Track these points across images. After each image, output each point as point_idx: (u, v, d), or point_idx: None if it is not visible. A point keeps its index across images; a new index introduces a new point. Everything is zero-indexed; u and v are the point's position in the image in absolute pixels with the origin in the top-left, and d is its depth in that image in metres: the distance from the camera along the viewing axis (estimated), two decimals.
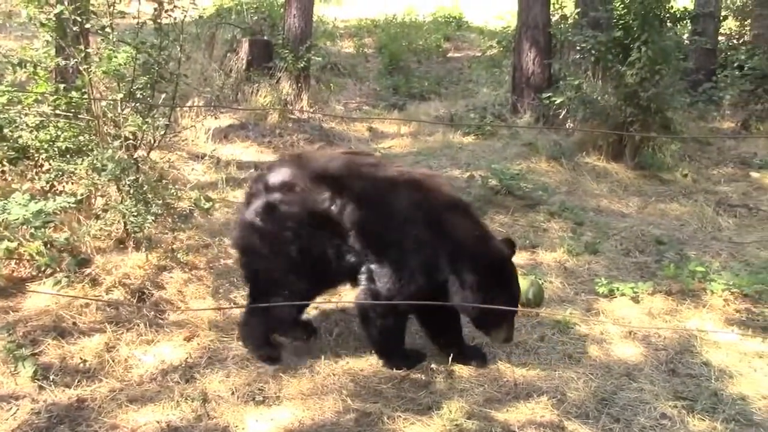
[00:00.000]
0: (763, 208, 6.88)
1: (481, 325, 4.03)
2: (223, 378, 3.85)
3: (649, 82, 7.60)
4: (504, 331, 4.00)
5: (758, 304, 4.81)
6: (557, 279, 5.17)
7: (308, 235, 3.88)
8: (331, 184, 3.88)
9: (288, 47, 9.34)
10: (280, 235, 3.90)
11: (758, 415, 3.66)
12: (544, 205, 6.52)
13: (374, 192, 3.90)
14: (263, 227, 3.93)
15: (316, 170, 3.96)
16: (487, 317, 3.86)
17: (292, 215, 3.88)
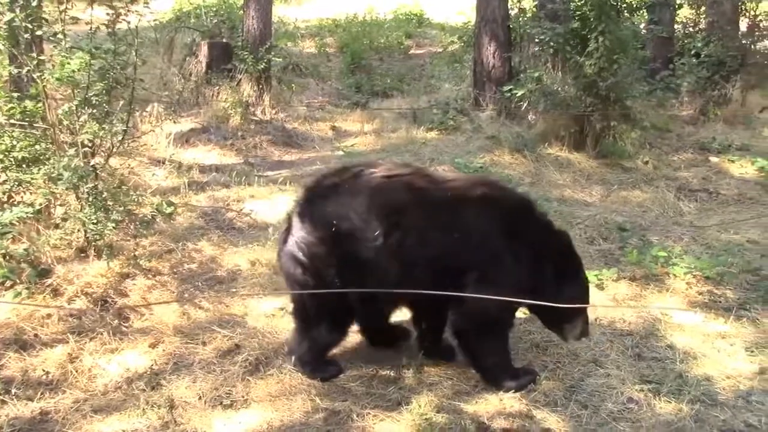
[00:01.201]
0: (723, 191, 6.99)
1: (557, 322, 3.89)
2: (189, 383, 3.81)
3: (607, 72, 7.67)
4: (579, 326, 3.88)
5: (720, 286, 4.88)
6: None
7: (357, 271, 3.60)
8: (388, 214, 3.58)
9: (247, 49, 9.27)
10: (322, 272, 3.64)
11: (722, 395, 3.71)
12: None
13: (442, 215, 3.64)
14: (305, 262, 3.68)
15: (371, 197, 3.62)
16: (565, 314, 3.62)
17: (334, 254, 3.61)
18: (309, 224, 3.69)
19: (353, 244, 3.58)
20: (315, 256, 3.66)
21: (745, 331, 4.32)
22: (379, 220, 3.56)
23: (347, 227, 3.58)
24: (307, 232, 3.68)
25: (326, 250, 3.63)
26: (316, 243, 3.65)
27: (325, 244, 3.62)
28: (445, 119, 8.99)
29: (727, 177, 7.41)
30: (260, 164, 7.59)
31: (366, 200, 3.62)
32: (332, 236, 3.60)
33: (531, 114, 8.70)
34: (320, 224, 3.65)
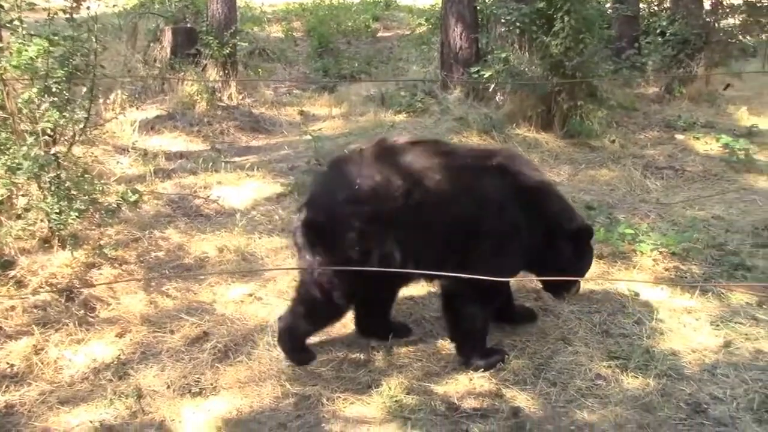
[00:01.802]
0: (688, 168, 7.05)
1: (562, 290, 4.12)
2: (157, 372, 3.78)
3: (573, 52, 7.68)
4: (576, 286, 4.16)
5: (686, 261, 4.93)
6: None
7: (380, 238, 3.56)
8: (408, 178, 3.57)
9: (212, 34, 9.16)
10: (347, 238, 3.56)
11: (688, 369, 3.75)
12: None
13: (462, 181, 3.66)
14: (329, 228, 3.61)
15: (390, 164, 3.62)
16: (569, 284, 4.02)
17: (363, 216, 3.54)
18: (333, 187, 3.68)
19: (377, 206, 3.55)
20: (337, 219, 3.58)
21: (711, 306, 4.38)
22: (402, 182, 3.56)
23: (371, 187, 3.56)
24: (331, 196, 3.64)
25: (350, 210, 3.55)
26: (340, 204, 3.58)
27: (349, 206, 3.56)
28: (413, 102, 8.96)
29: (693, 154, 7.48)
30: (227, 150, 7.52)
31: (390, 163, 3.62)
32: (356, 197, 3.56)
33: (498, 95, 8.70)
34: (345, 186, 3.60)
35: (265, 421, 3.43)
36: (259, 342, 4.04)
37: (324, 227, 3.61)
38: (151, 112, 8.25)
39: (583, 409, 3.46)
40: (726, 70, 9.90)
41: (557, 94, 7.87)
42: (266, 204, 5.97)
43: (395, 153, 3.68)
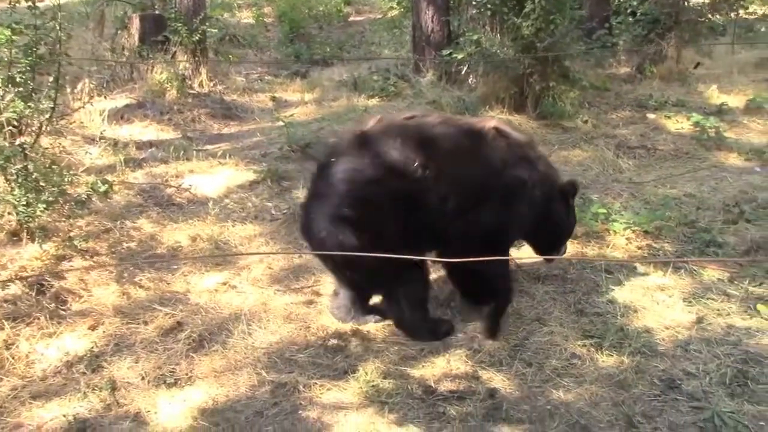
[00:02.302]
0: (660, 147, 7.09)
1: (553, 248, 4.35)
2: (131, 364, 3.74)
3: (544, 33, 7.66)
4: (564, 247, 4.45)
5: (658, 239, 4.96)
6: None
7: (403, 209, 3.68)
8: (415, 149, 3.70)
9: (181, 20, 9.01)
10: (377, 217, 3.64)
11: (662, 346, 3.78)
12: None
13: (463, 148, 3.83)
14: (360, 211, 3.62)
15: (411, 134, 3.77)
16: (562, 241, 4.39)
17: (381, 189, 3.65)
18: (357, 161, 3.69)
19: (399, 179, 3.64)
20: (362, 194, 3.63)
21: (683, 283, 4.42)
22: (420, 155, 3.66)
23: (393, 161, 3.65)
24: (355, 169, 3.67)
25: (375, 180, 3.63)
26: (366, 177, 3.64)
27: (375, 177, 3.64)
28: (386, 86, 8.92)
29: (664, 133, 7.51)
30: (199, 138, 7.43)
31: (409, 137, 3.73)
32: (381, 168, 3.65)
33: (471, 77, 8.68)
34: (367, 165, 3.66)
35: (242, 409, 3.41)
36: (234, 330, 4.01)
37: (355, 210, 3.62)
38: (121, 101, 8.13)
39: (559, 389, 3.48)
40: (696, 48, 9.95)
41: (529, 75, 7.85)
42: (239, 191, 5.91)
43: (404, 129, 3.81)
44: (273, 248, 5.01)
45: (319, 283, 4.55)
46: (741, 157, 6.72)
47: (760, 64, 10.26)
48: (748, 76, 9.74)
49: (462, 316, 4.15)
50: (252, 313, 4.21)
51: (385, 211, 3.65)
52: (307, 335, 4.00)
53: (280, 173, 6.14)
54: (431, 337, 3.91)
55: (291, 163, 6.48)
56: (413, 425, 3.25)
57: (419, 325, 3.93)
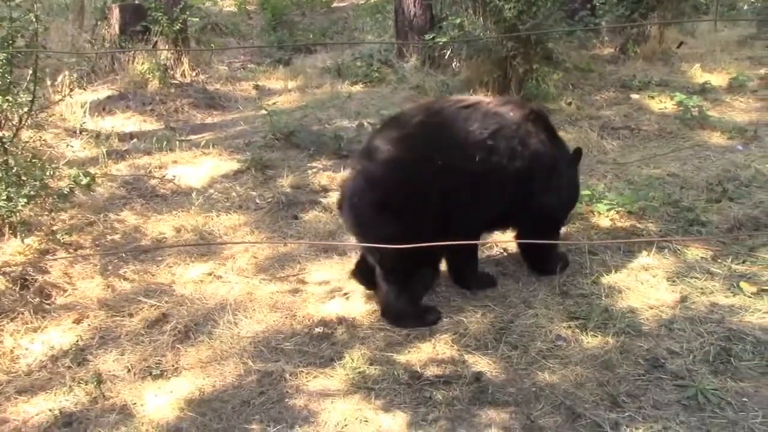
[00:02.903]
0: (644, 127, 7.10)
1: (564, 216, 4.51)
2: (117, 356, 3.74)
3: (527, 15, 7.65)
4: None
5: (642, 220, 4.98)
6: None
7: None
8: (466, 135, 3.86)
9: (161, 10, 8.94)
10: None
11: (646, 325, 3.80)
12: None
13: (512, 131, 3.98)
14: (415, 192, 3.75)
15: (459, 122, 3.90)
16: (571, 209, 4.58)
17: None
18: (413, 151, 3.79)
19: (451, 165, 3.77)
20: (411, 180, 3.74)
21: (667, 262, 4.43)
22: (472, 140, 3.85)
23: (445, 149, 3.79)
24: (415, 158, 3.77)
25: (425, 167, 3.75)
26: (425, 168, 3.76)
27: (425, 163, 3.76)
28: (369, 72, 8.90)
29: (648, 113, 7.52)
30: (182, 128, 7.39)
31: (456, 125, 3.88)
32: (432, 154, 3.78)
33: (455, 61, 8.67)
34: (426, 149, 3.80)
35: (229, 399, 3.41)
36: (219, 321, 4.01)
37: (401, 196, 3.73)
38: (102, 92, 8.09)
39: (545, 371, 3.49)
40: (679, 28, 9.96)
41: (512, 58, 7.83)
42: (223, 181, 5.89)
43: (455, 114, 3.94)
44: (258, 237, 5.00)
45: (304, 272, 4.55)
46: (724, 135, 6.73)
47: (743, 42, 10.28)
48: (731, 54, 9.75)
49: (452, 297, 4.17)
50: (237, 302, 4.21)
51: (432, 198, 3.77)
52: (293, 324, 3.99)
53: (264, 162, 6.12)
54: (418, 324, 3.92)
55: (275, 151, 6.46)
56: (400, 410, 3.26)
57: (408, 313, 3.94)
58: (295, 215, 5.29)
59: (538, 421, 3.16)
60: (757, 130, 6.70)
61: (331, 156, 6.26)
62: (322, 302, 4.19)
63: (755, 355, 3.51)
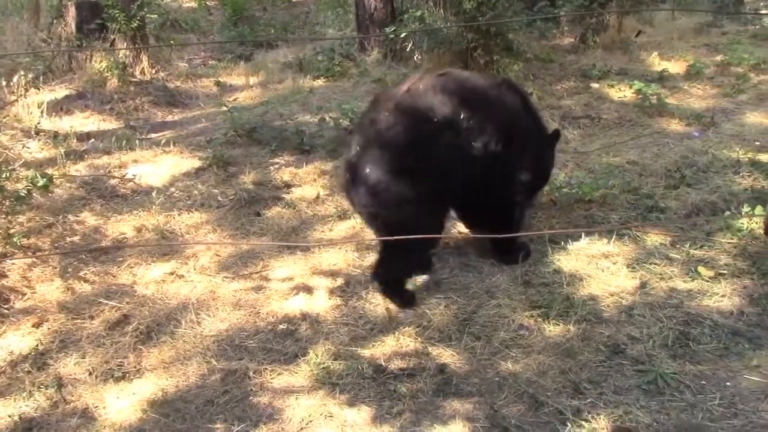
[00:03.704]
0: (604, 116, 7.16)
1: (536, 193, 4.66)
2: (78, 360, 3.69)
3: (486, 6, 7.68)
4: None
5: (602, 207, 5.03)
6: None
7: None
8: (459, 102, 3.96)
9: (118, 7, 8.80)
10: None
11: (607, 312, 3.85)
12: None
13: (493, 99, 4.16)
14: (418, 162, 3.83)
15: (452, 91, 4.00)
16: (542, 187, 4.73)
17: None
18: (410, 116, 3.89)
19: (450, 132, 3.91)
20: (420, 147, 3.84)
21: (627, 249, 4.49)
22: (464, 108, 3.96)
23: (444, 115, 3.91)
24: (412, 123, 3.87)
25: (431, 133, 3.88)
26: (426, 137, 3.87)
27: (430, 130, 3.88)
28: (331, 66, 8.84)
29: (608, 102, 7.58)
30: (143, 127, 7.30)
31: (451, 91, 3.99)
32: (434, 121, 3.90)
33: (416, 54, 8.66)
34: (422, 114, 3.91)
35: (192, 399, 3.39)
36: (182, 320, 3.98)
37: (414, 162, 3.81)
38: (60, 92, 7.94)
39: (507, 360, 3.53)
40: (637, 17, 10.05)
41: (473, 50, 7.86)
42: (184, 179, 5.83)
43: (445, 84, 4.05)
44: (220, 235, 4.96)
45: (267, 269, 4.53)
46: (682, 122, 6.83)
47: (700, 29, 10.42)
48: (688, 42, 9.88)
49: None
50: (200, 301, 4.18)
51: (441, 164, 3.86)
52: (256, 321, 3.98)
53: (226, 159, 6.07)
54: (404, 305, 4.05)
55: (237, 148, 6.41)
56: (364, 405, 3.27)
57: (400, 292, 4.11)
58: (257, 212, 5.26)
59: (502, 411, 3.19)
60: (713, 117, 6.81)
61: (293, 151, 6.22)
62: (286, 299, 4.18)
63: (713, 338, 3.59)
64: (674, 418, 3.07)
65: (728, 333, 3.62)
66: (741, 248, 4.37)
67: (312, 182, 5.68)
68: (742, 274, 4.12)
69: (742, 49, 8.94)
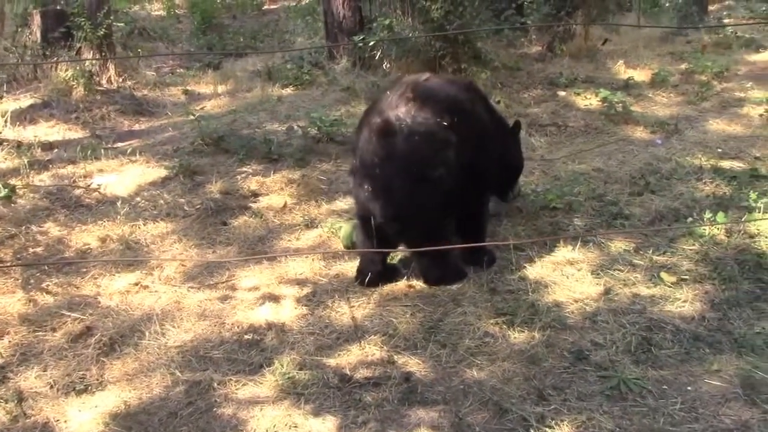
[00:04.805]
0: (571, 124, 7.23)
1: (511, 188, 4.94)
2: (39, 373, 3.63)
3: (453, 15, 7.74)
4: (518, 186, 5.15)
5: (568, 215, 5.07)
6: None
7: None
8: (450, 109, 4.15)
9: (84, 15, 8.73)
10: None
11: (571, 319, 3.88)
12: None
13: (470, 103, 4.39)
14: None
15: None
16: (514, 179, 4.94)
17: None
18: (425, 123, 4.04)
19: (457, 135, 4.10)
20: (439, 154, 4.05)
21: (591, 256, 4.53)
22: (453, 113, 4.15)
23: (451, 120, 4.09)
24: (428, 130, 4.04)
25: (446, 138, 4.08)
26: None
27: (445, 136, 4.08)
28: (300, 74, 8.85)
29: (574, 109, 7.66)
30: (108, 136, 7.23)
31: (442, 98, 4.21)
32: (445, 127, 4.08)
33: (385, 62, 8.69)
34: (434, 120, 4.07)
35: (155, 411, 3.35)
36: (146, 332, 3.94)
37: (435, 169, 4.04)
38: (24, 101, 7.87)
39: (473, 368, 3.53)
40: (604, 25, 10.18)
41: (441, 58, 7.92)
42: (150, 189, 5.79)
43: (439, 89, 4.30)
44: (186, 245, 4.93)
45: (233, 278, 4.51)
46: (647, 129, 6.92)
47: (665, 38, 10.59)
48: (653, 50, 10.04)
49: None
50: (165, 312, 4.14)
51: (454, 169, 4.08)
52: (221, 331, 3.95)
53: (193, 168, 6.03)
54: (461, 277, 4.34)
55: (204, 157, 6.37)
56: (329, 414, 3.25)
57: (448, 271, 4.35)
58: (224, 221, 5.23)
59: (467, 418, 3.19)
60: (677, 124, 6.91)
61: (261, 160, 6.20)
62: (252, 308, 4.16)
63: (674, 343, 3.63)
64: (636, 423, 3.10)
65: (690, 338, 3.66)
66: (703, 254, 4.43)
67: (279, 191, 5.66)
68: (703, 280, 4.18)
69: (706, 58, 9.09)
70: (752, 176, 5.54)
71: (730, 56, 9.59)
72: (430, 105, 4.06)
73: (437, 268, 4.28)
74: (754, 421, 3.07)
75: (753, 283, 4.12)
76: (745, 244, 4.49)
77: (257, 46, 11.56)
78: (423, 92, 4.14)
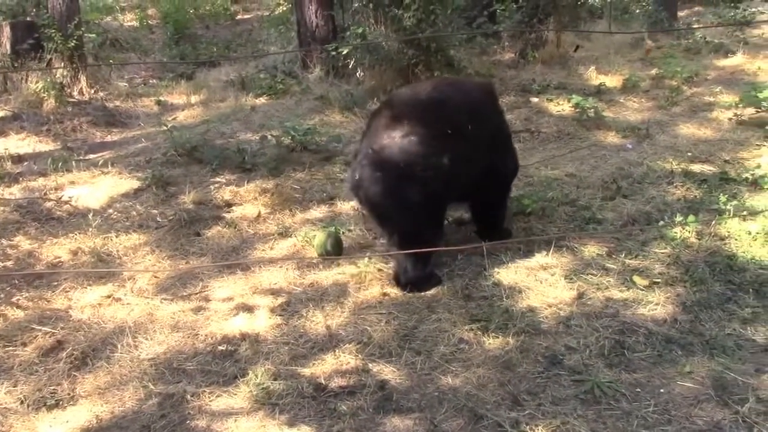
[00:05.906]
0: (544, 130, 7.28)
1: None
2: (9, 388, 3.58)
3: (425, 23, 7.77)
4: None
5: (541, 220, 5.10)
6: (356, 227, 5.20)
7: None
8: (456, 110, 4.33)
9: (54, 26, 8.65)
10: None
11: (545, 323, 3.90)
12: (340, 156, 6.54)
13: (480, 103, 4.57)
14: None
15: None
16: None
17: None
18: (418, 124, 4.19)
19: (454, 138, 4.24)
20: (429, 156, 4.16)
21: (565, 260, 4.55)
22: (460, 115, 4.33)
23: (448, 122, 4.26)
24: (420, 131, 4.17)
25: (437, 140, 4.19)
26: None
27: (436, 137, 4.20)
28: (273, 83, 8.84)
29: (547, 116, 7.71)
30: (80, 148, 7.17)
31: (449, 100, 4.39)
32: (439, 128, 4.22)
33: (358, 71, 8.71)
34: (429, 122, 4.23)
35: (128, 425, 3.31)
36: (118, 344, 3.90)
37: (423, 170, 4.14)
38: None
39: (447, 374, 3.53)
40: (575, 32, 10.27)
41: (414, 66, 7.95)
42: (123, 200, 5.75)
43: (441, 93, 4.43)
44: (159, 256, 4.89)
45: (207, 289, 4.48)
46: (618, 134, 6.98)
47: (635, 44, 10.69)
48: (624, 56, 10.13)
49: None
50: (138, 324, 4.10)
51: (445, 169, 4.18)
52: (195, 343, 3.92)
53: (166, 179, 6.00)
54: (433, 284, 4.37)
55: (177, 167, 6.34)
56: (304, 424, 3.24)
57: (423, 277, 4.36)
58: (197, 232, 5.20)
59: (442, 425, 3.19)
60: (648, 129, 6.98)
61: (234, 170, 6.18)
62: (226, 319, 4.13)
63: (647, 346, 3.65)
64: (610, 427, 3.11)
65: (662, 340, 3.69)
66: (674, 257, 4.47)
67: (253, 201, 5.64)
68: (675, 283, 4.22)
69: (676, 63, 9.20)
70: (722, 179, 5.61)
71: (700, 61, 9.70)
72: (444, 105, 4.30)
73: (413, 270, 4.31)
74: (726, 422, 3.10)
75: (724, 285, 4.17)
76: (715, 246, 4.55)
77: (230, 56, 11.52)
78: (444, 90, 4.45)
